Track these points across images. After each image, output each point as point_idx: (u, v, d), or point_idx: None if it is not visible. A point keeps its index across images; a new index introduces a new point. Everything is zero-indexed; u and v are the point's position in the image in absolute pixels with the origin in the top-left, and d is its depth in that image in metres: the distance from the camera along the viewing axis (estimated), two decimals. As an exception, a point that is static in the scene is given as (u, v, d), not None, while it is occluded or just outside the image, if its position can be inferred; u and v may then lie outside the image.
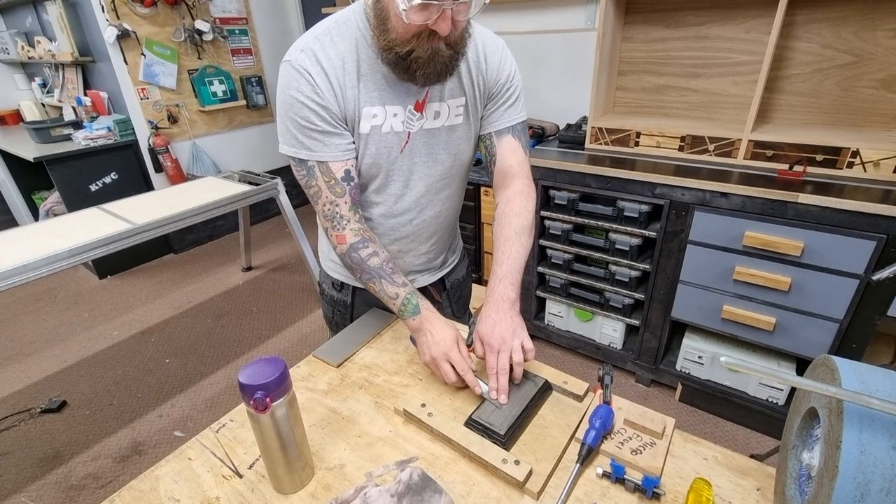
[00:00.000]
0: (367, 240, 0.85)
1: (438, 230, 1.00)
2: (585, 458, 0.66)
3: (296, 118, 0.77)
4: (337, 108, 0.78)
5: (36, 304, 2.90)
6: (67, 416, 2.01)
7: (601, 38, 1.81)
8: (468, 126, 0.89)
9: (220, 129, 3.46)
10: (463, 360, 0.78)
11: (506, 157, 0.93)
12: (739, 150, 1.66)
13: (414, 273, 1.05)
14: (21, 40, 3.38)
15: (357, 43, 0.77)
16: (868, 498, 0.44)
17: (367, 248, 0.84)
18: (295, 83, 0.76)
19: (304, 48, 0.76)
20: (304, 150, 0.80)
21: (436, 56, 0.72)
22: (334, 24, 0.78)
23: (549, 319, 2.23)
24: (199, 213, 2.11)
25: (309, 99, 0.76)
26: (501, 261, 0.87)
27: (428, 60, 0.72)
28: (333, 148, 0.80)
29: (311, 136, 0.78)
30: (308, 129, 0.78)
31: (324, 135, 0.78)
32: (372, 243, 0.85)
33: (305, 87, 0.75)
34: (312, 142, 0.79)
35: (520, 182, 0.94)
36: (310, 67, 0.75)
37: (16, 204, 3.63)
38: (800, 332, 1.56)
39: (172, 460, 0.71)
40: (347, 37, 0.77)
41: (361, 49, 0.77)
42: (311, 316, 2.64)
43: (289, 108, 0.77)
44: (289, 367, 0.62)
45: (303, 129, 0.78)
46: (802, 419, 0.59)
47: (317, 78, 0.75)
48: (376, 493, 0.60)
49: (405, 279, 0.86)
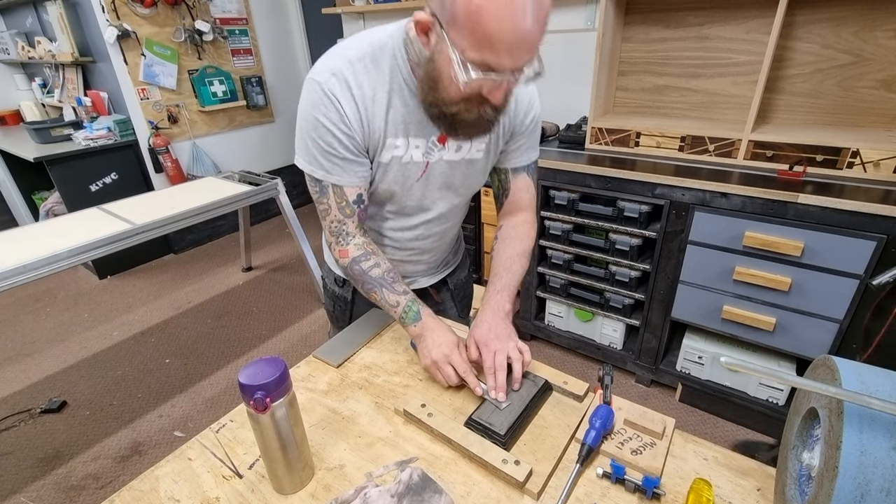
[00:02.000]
0: (370, 253, 0.86)
1: (444, 242, 1.03)
2: (585, 459, 0.66)
3: (318, 140, 0.76)
4: (361, 139, 0.77)
5: (36, 304, 2.90)
6: (67, 417, 2.01)
7: (601, 39, 1.81)
8: (486, 160, 0.90)
9: (221, 130, 3.46)
10: (464, 362, 0.79)
11: (519, 193, 0.96)
12: (739, 151, 1.66)
13: (415, 275, 1.05)
14: (21, 40, 3.38)
15: (391, 73, 0.74)
16: (868, 498, 0.44)
17: (370, 261, 0.85)
18: (323, 107, 0.74)
19: (336, 72, 0.73)
20: (322, 171, 0.79)
21: (481, 118, 0.71)
22: (369, 50, 0.74)
23: (549, 320, 2.23)
24: (200, 214, 2.11)
25: (335, 126, 0.74)
26: (501, 274, 0.90)
27: (473, 122, 0.72)
28: (351, 174, 0.80)
29: (332, 160, 0.77)
30: (329, 153, 0.77)
31: (344, 161, 0.78)
32: (374, 255, 0.86)
33: (333, 114, 0.74)
34: (331, 165, 0.78)
35: (527, 214, 0.99)
36: (340, 94, 0.73)
37: (16, 204, 3.64)
38: (800, 333, 1.56)
39: (172, 460, 0.71)
40: (382, 66, 0.74)
41: (395, 80, 0.75)
42: (312, 316, 2.64)
43: (312, 129, 0.76)
44: (289, 368, 0.62)
45: (324, 152, 0.77)
46: (803, 419, 0.59)
47: (346, 106, 0.74)
48: (376, 494, 0.60)
49: (406, 287, 0.87)
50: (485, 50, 0.59)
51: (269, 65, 3.63)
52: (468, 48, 0.60)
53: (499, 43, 0.58)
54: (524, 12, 0.56)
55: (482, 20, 0.57)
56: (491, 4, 0.56)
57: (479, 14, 0.56)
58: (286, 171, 3.86)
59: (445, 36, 0.61)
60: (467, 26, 0.58)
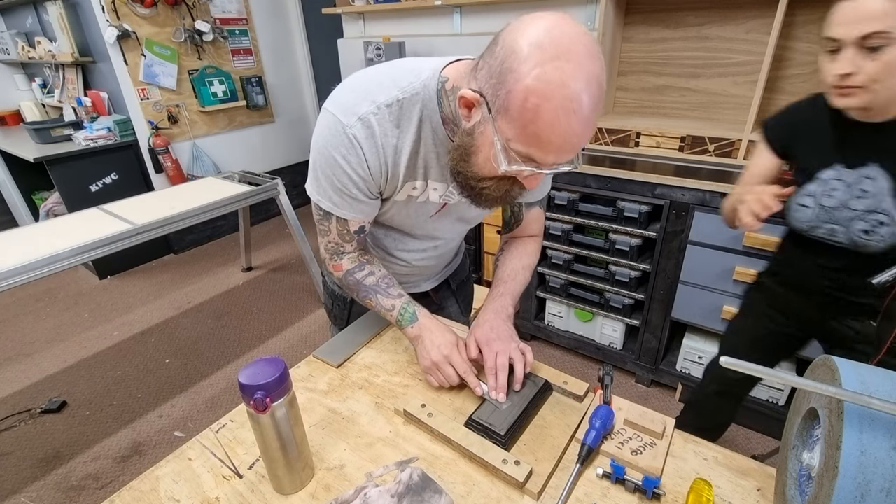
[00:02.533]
0: (364, 263, 0.86)
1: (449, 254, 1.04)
2: (585, 459, 0.66)
3: (333, 178, 0.73)
4: (377, 184, 0.75)
5: (36, 304, 2.90)
6: (67, 417, 2.01)
7: (601, 39, 1.81)
8: None
9: (221, 130, 3.46)
10: (464, 362, 0.79)
11: (531, 223, 0.97)
12: (739, 150, 1.65)
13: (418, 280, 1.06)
14: (21, 41, 3.38)
15: (420, 123, 0.71)
16: (868, 498, 0.44)
17: (364, 270, 0.85)
18: (343, 148, 0.70)
19: (363, 117, 0.68)
20: (329, 203, 0.77)
21: (507, 195, 0.69)
22: (400, 96, 0.69)
23: (549, 320, 2.23)
24: (200, 214, 2.11)
25: (353, 170, 0.71)
26: (506, 280, 0.90)
27: (498, 198, 0.69)
28: (359, 212, 0.78)
29: (343, 196, 0.75)
30: (342, 191, 0.74)
31: (355, 200, 0.76)
32: (368, 265, 0.86)
33: (353, 158, 0.70)
34: (342, 200, 0.76)
35: (536, 238, 1.00)
36: (363, 141, 0.69)
37: (16, 204, 3.64)
38: (800, 333, 1.56)
39: (172, 461, 0.71)
40: (412, 115, 0.70)
41: (424, 129, 0.71)
42: (312, 316, 2.64)
43: (327, 167, 0.72)
44: (289, 368, 0.62)
45: (336, 189, 0.74)
46: (803, 419, 0.59)
47: (368, 153, 0.70)
48: (376, 494, 0.60)
49: (401, 290, 0.86)
50: (532, 147, 0.57)
51: (269, 65, 3.63)
52: (515, 139, 0.57)
53: (549, 145, 0.56)
54: (580, 119, 0.54)
55: (537, 120, 0.54)
56: (549, 106, 0.52)
57: (535, 113, 0.53)
58: (286, 171, 3.87)
59: (492, 120, 0.58)
60: (519, 121, 0.55)
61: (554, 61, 0.51)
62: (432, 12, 2.69)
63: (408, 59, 0.74)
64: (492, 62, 0.57)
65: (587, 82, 0.52)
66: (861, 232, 0.92)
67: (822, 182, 0.95)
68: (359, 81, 0.72)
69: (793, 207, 1.00)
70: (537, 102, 0.53)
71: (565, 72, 0.52)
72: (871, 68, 0.79)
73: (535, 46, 0.52)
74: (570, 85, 0.52)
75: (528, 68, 0.52)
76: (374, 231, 0.91)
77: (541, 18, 0.54)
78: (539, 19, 0.54)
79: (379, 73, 0.71)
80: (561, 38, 0.52)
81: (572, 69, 0.52)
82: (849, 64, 0.79)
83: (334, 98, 0.71)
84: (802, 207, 0.98)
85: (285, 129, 3.89)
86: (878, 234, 0.91)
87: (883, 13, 0.74)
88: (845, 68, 0.80)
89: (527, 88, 0.53)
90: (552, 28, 0.53)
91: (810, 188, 0.97)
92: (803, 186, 0.98)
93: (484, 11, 2.53)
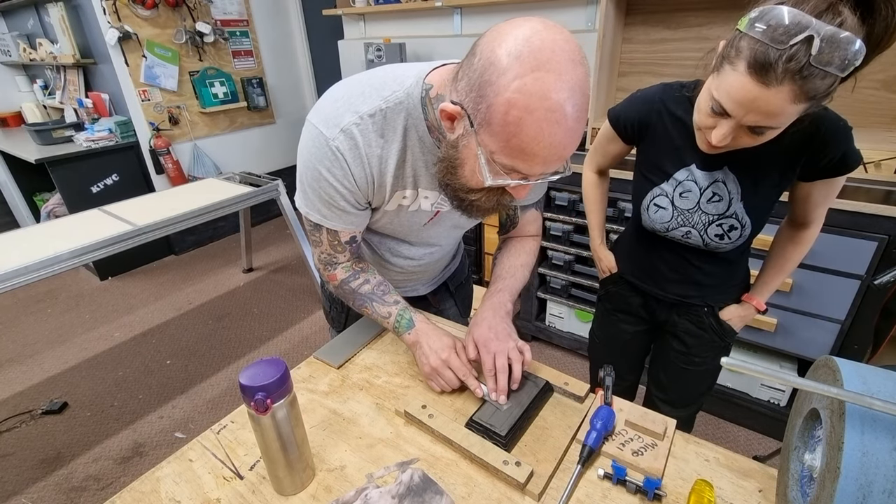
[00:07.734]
0: (359, 272, 0.86)
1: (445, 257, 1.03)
2: (586, 460, 0.66)
3: (320, 191, 0.72)
4: (364, 195, 0.74)
5: (37, 305, 2.90)
6: (68, 418, 2.01)
7: (601, 39, 1.81)
8: None
9: (221, 131, 3.47)
10: (463, 365, 0.78)
11: (527, 224, 0.97)
12: (740, 151, 1.65)
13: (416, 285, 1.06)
14: (23, 42, 3.38)
15: (405, 132, 0.69)
16: (870, 499, 0.44)
17: (359, 279, 0.85)
18: (327, 162, 0.69)
19: (345, 129, 0.67)
20: (318, 215, 0.76)
21: (498, 205, 0.68)
22: (383, 106, 0.67)
23: (549, 320, 2.23)
24: (200, 215, 2.11)
25: (339, 182, 0.70)
26: (504, 276, 0.90)
27: (489, 208, 0.69)
28: (349, 223, 0.78)
29: (332, 209, 0.74)
30: (330, 203, 0.74)
31: (343, 212, 0.75)
32: (363, 273, 0.86)
33: (337, 171, 0.69)
34: (330, 213, 0.75)
35: (534, 238, 1.00)
36: (347, 153, 0.68)
37: (17, 205, 3.64)
38: (801, 333, 1.56)
39: (173, 462, 0.71)
40: (396, 124, 0.68)
41: (409, 137, 0.69)
42: (312, 317, 2.64)
43: (314, 181, 0.71)
44: (289, 369, 0.62)
45: (324, 202, 0.74)
46: (804, 420, 0.59)
47: (352, 165, 0.69)
48: (377, 495, 0.60)
49: (397, 297, 0.86)
50: (517, 160, 0.55)
51: (269, 66, 3.63)
52: (499, 152, 0.56)
53: (534, 157, 0.54)
54: (565, 130, 0.52)
55: (520, 133, 0.52)
56: (532, 119, 0.51)
57: (518, 127, 0.52)
58: (287, 172, 3.87)
59: (475, 133, 0.56)
60: (502, 135, 0.54)
61: (534, 72, 0.50)
62: (433, 13, 2.70)
63: (392, 66, 0.73)
64: (471, 74, 0.55)
65: (570, 91, 0.51)
66: (715, 237, 0.93)
67: (675, 182, 0.94)
68: (341, 92, 0.70)
69: (650, 209, 0.98)
70: (519, 115, 0.51)
71: (546, 82, 0.50)
72: (747, 142, 0.77)
73: (513, 57, 0.50)
74: (552, 96, 0.50)
75: (508, 81, 0.51)
76: (368, 238, 0.91)
77: (518, 27, 0.52)
78: (516, 27, 0.52)
79: (361, 83, 0.70)
80: (541, 47, 0.50)
81: (553, 79, 0.50)
82: (729, 136, 0.76)
83: (317, 110, 0.70)
84: (659, 209, 0.97)
85: (286, 131, 3.90)
86: (729, 239, 0.93)
87: (781, 112, 0.69)
88: (725, 140, 0.76)
89: (507, 102, 0.51)
90: (531, 36, 0.51)
91: (664, 187, 0.95)
92: (657, 185, 0.96)
93: (484, 12, 2.53)
